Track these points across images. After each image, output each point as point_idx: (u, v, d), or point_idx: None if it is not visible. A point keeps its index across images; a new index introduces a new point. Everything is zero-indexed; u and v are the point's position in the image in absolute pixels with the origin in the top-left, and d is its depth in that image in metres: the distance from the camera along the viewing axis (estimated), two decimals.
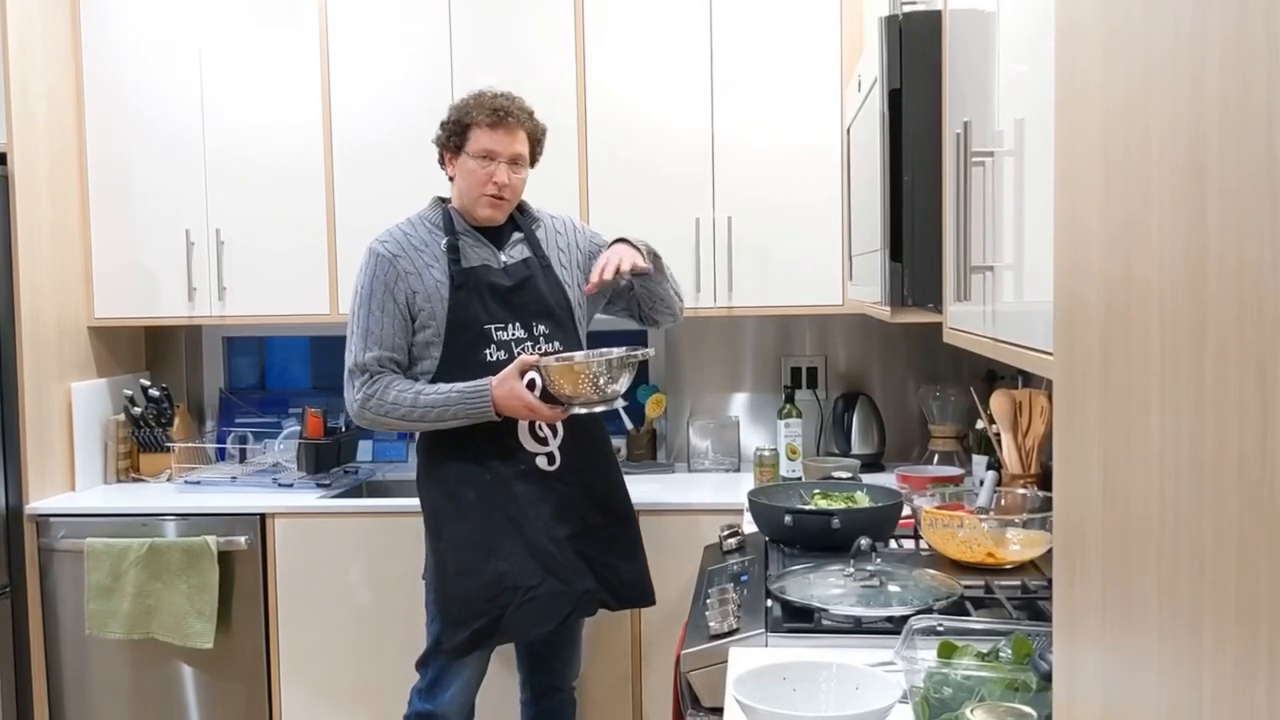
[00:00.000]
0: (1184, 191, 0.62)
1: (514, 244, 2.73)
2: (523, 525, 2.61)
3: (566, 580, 2.62)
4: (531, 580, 2.59)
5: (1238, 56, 0.54)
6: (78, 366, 3.60)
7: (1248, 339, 0.54)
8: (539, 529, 2.62)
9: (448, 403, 2.57)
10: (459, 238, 2.68)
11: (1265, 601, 0.52)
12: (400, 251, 2.66)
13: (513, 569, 2.58)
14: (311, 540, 3.31)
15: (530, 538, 2.61)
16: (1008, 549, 2.22)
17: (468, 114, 2.65)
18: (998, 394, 2.81)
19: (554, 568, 2.61)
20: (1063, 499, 0.91)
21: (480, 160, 2.63)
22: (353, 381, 2.64)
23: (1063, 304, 0.89)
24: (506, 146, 2.65)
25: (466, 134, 2.65)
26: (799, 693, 1.48)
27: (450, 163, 2.71)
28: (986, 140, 1.36)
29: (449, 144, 2.69)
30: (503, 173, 2.64)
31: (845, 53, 3.33)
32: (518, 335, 2.66)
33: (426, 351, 2.65)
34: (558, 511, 2.65)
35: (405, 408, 2.59)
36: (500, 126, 2.64)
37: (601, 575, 2.69)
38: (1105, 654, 0.79)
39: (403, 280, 2.63)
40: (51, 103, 3.49)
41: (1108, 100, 0.77)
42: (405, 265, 2.65)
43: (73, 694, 3.40)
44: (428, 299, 2.63)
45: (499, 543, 2.60)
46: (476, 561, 2.60)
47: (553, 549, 2.62)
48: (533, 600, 2.59)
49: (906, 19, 1.74)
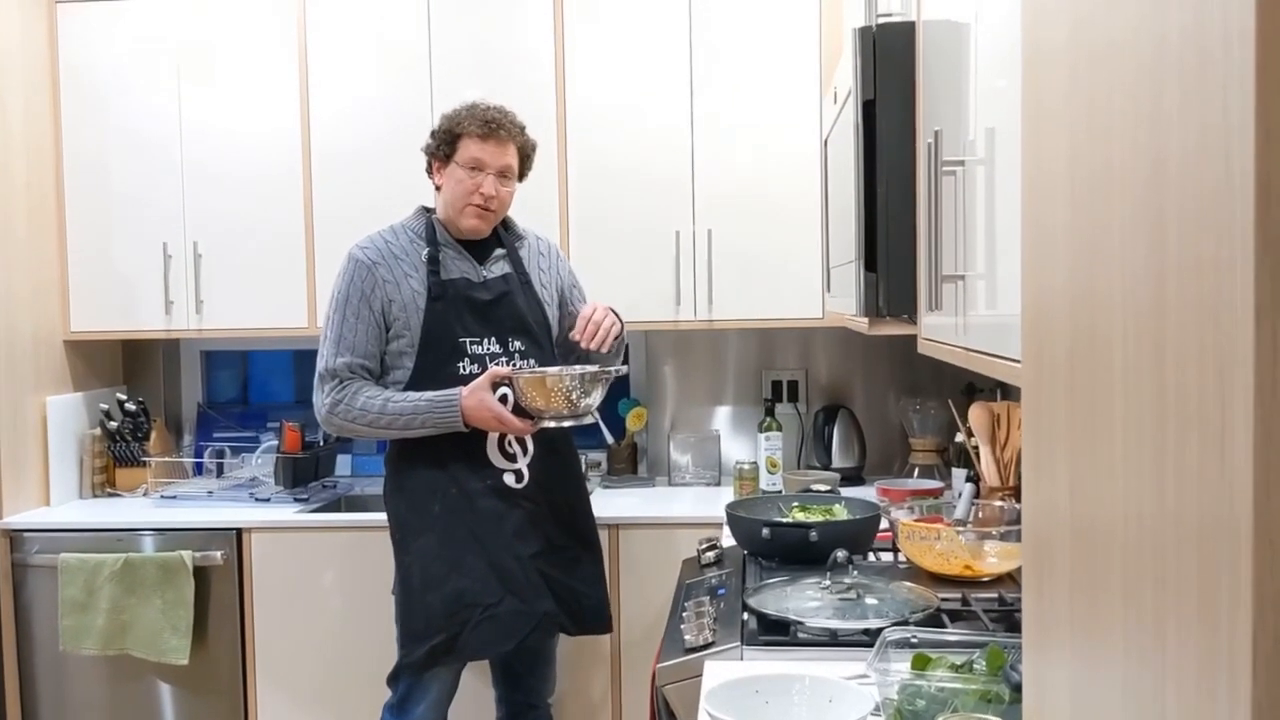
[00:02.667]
0: (1145, 200, 0.62)
1: (495, 259, 2.73)
2: (485, 542, 2.59)
3: (526, 600, 2.60)
4: (491, 598, 2.57)
5: (1197, 66, 0.54)
6: (53, 380, 3.57)
7: (1206, 345, 0.54)
8: (502, 546, 2.60)
9: (416, 410, 2.57)
10: (440, 249, 2.67)
11: (1225, 607, 0.51)
12: (380, 259, 2.65)
13: (473, 586, 2.57)
14: (288, 555, 3.29)
15: (493, 555, 2.59)
16: (985, 561, 2.22)
17: (459, 124, 2.65)
18: (976, 406, 2.81)
19: (514, 586, 2.59)
20: (1031, 507, 0.90)
21: (468, 170, 2.63)
22: (322, 386, 2.62)
23: (1030, 312, 0.89)
24: (496, 158, 2.65)
25: (456, 143, 2.65)
26: (771, 705, 1.47)
27: (438, 171, 2.70)
28: (958, 150, 1.36)
29: (438, 152, 2.68)
30: (490, 184, 2.64)
31: (824, 65, 3.34)
32: (493, 350, 2.66)
33: (399, 361, 2.64)
34: (522, 529, 2.63)
35: (373, 414, 2.58)
36: (491, 138, 2.64)
37: (561, 598, 2.67)
38: (1072, 663, 0.78)
39: (380, 288, 2.62)
40: (28, 114, 3.47)
41: (1072, 111, 0.76)
42: (384, 273, 2.63)
43: (47, 711, 3.36)
44: (404, 309, 2.62)
45: (461, 558, 2.58)
46: (439, 576, 2.58)
47: (514, 567, 2.60)
48: (492, 619, 2.57)
49: (880, 30, 1.74)
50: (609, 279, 3.43)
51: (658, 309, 3.45)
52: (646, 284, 3.44)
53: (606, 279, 3.43)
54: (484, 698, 3.03)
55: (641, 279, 3.43)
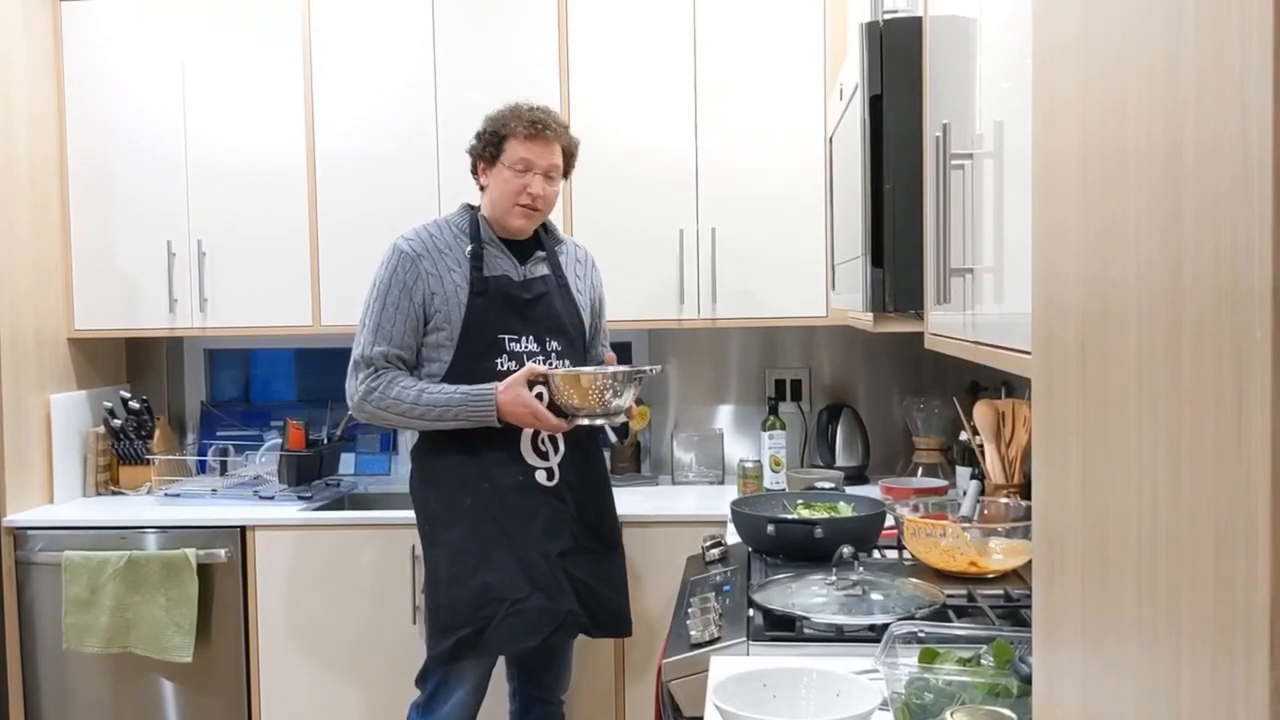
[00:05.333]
0: (1160, 183, 0.62)
1: (536, 260, 2.75)
2: (514, 537, 2.60)
3: (553, 597, 2.60)
4: (518, 593, 2.57)
5: (1214, 53, 0.54)
6: (57, 378, 3.57)
7: (1224, 327, 0.54)
8: (530, 543, 2.61)
9: (450, 403, 2.58)
10: (484, 246, 2.69)
11: (1242, 592, 0.51)
12: (424, 251, 2.66)
13: (500, 580, 2.57)
14: (292, 553, 3.29)
15: (521, 551, 2.60)
16: (990, 558, 2.22)
17: (504, 125, 2.67)
18: (981, 404, 2.81)
19: (542, 583, 2.60)
20: (1042, 497, 0.90)
21: (516, 171, 2.65)
22: (356, 373, 2.64)
23: (1041, 301, 0.89)
24: (542, 158, 2.67)
25: (503, 144, 2.67)
26: (779, 699, 1.47)
27: (484, 172, 2.72)
28: (966, 143, 1.36)
29: (484, 154, 2.70)
30: (538, 184, 2.66)
31: (829, 63, 3.34)
32: (530, 349, 2.68)
33: (437, 354, 2.65)
34: (550, 527, 2.64)
35: (407, 404, 2.59)
36: (537, 138, 2.66)
37: (584, 599, 2.66)
38: (1085, 653, 0.78)
39: (423, 280, 2.64)
40: (32, 113, 3.47)
41: (1086, 101, 0.76)
42: (427, 265, 2.65)
43: (50, 709, 3.36)
44: (445, 302, 2.63)
45: (490, 553, 2.59)
46: (467, 570, 2.59)
47: (542, 564, 2.61)
48: (519, 614, 2.57)
49: (887, 25, 1.75)
50: (613, 278, 3.41)
51: (661, 308, 3.45)
52: (650, 283, 3.44)
53: (611, 278, 3.42)
54: (496, 690, 3.03)
55: (645, 278, 3.43)
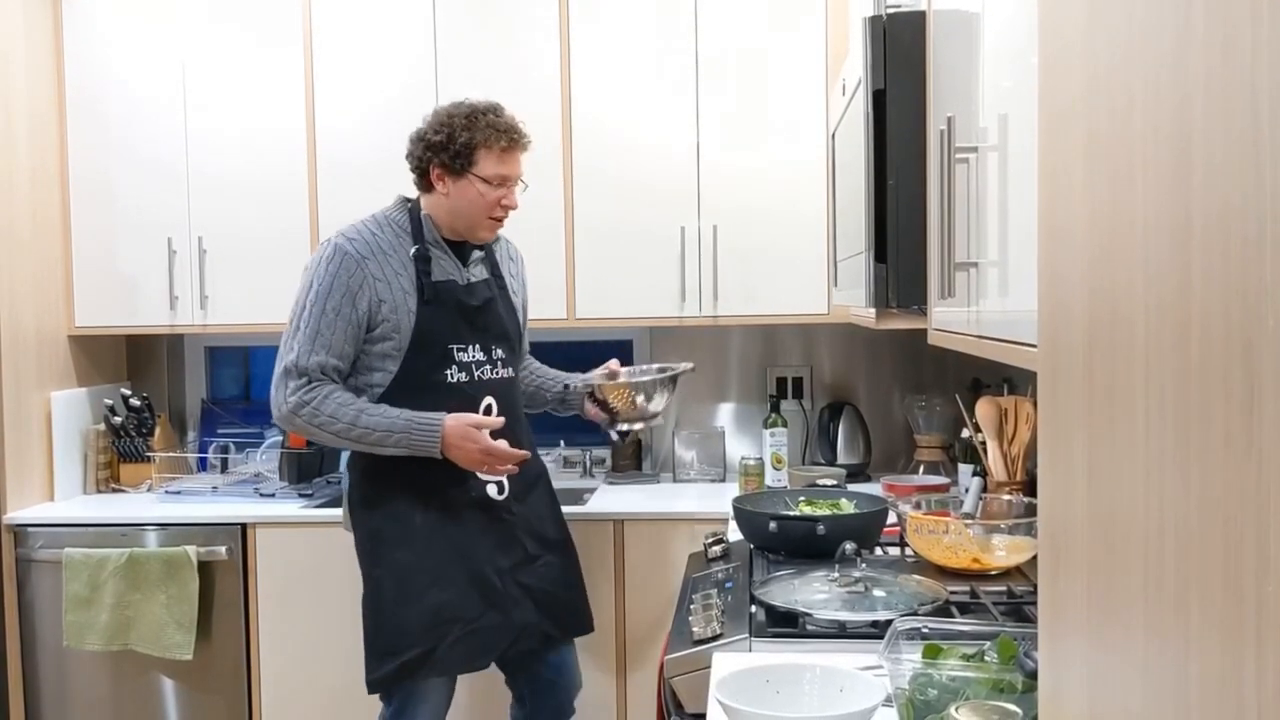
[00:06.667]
0: (1169, 175, 0.62)
1: (475, 261, 2.64)
2: (468, 554, 2.52)
3: (506, 612, 2.54)
4: (472, 612, 2.50)
5: (1223, 31, 0.54)
6: (57, 376, 3.57)
7: (1233, 318, 0.53)
8: (483, 559, 2.53)
9: (391, 428, 2.44)
10: (428, 247, 2.55)
11: (1252, 581, 0.51)
12: (369, 254, 2.49)
13: (453, 600, 2.49)
14: (293, 550, 3.28)
15: (474, 567, 2.52)
16: (993, 555, 2.21)
17: (475, 134, 2.51)
18: (983, 401, 2.80)
19: (495, 599, 2.53)
20: (1047, 493, 0.90)
21: (491, 185, 2.52)
22: (286, 382, 2.46)
23: (1046, 294, 0.88)
24: (516, 168, 2.57)
25: (474, 155, 2.51)
26: (782, 695, 1.46)
27: (441, 179, 2.54)
28: (970, 136, 1.35)
29: (451, 164, 2.51)
30: (513, 196, 2.56)
31: (830, 60, 3.33)
32: (478, 358, 2.57)
33: (382, 364, 2.51)
34: (502, 542, 2.57)
35: (343, 424, 2.44)
36: (512, 150, 2.55)
37: (542, 605, 2.61)
38: (1090, 647, 0.78)
39: (369, 286, 2.47)
40: (33, 111, 3.47)
41: (1092, 96, 0.76)
42: (373, 269, 2.48)
43: (50, 707, 3.36)
44: (394, 310, 2.48)
45: (442, 571, 2.50)
46: (416, 590, 2.49)
47: (495, 580, 2.54)
48: (472, 634, 2.50)
49: (890, 19, 1.74)
50: (614, 276, 3.43)
51: (662, 306, 3.44)
52: (651, 281, 3.43)
53: (611, 276, 3.43)
54: (494, 698, 3.03)
55: (646, 276, 3.43)
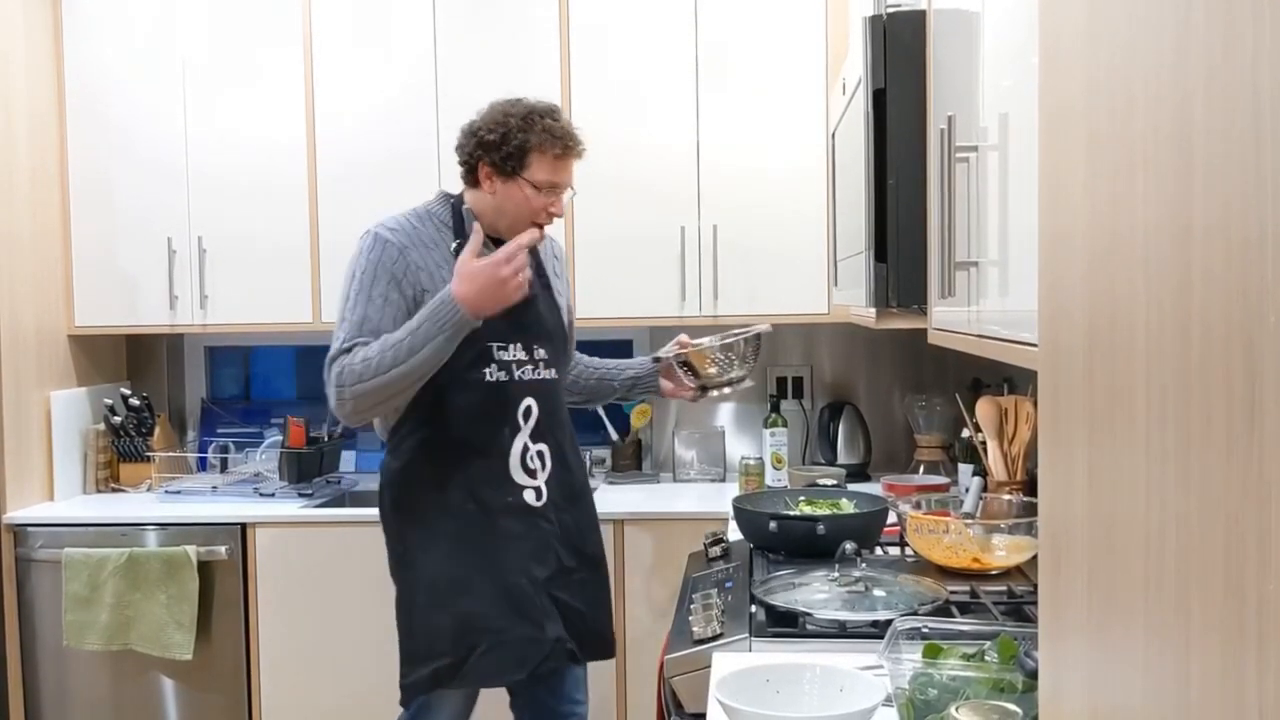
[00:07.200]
0: (1170, 173, 0.62)
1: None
2: (500, 563, 2.42)
3: (540, 625, 2.43)
4: (500, 623, 2.40)
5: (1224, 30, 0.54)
6: (57, 375, 3.57)
7: (1234, 316, 0.53)
8: (516, 568, 2.43)
9: (413, 328, 2.28)
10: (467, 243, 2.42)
11: (1253, 581, 0.51)
12: (411, 244, 2.41)
13: (483, 610, 2.40)
14: (293, 550, 3.28)
15: (506, 577, 2.42)
16: (993, 554, 2.21)
17: (531, 137, 2.40)
18: (983, 401, 2.80)
19: (527, 611, 2.42)
20: (1047, 492, 0.90)
21: (539, 190, 2.41)
22: (330, 368, 2.36)
23: (1047, 292, 0.88)
24: (568, 177, 2.47)
25: (526, 159, 2.40)
26: (782, 694, 1.46)
27: (490, 178, 2.43)
28: (971, 136, 1.35)
29: (502, 165, 2.41)
30: (560, 203, 2.46)
31: (830, 59, 3.33)
32: (519, 356, 2.47)
33: None
34: (537, 551, 2.46)
35: (375, 356, 2.28)
36: (567, 157, 2.45)
37: (571, 624, 2.49)
38: (1091, 646, 0.78)
39: (412, 274, 2.38)
40: (33, 110, 3.47)
41: (1092, 96, 0.76)
42: (416, 259, 2.40)
43: (50, 707, 3.36)
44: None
45: (471, 579, 2.41)
46: (447, 597, 2.41)
47: (529, 591, 2.43)
48: (502, 645, 2.40)
49: (890, 19, 1.74)
50: (614, 276, 3.43)
51: (663, 305, 3.44)
52: (652, 280, 3.43)
53: (612, 276, 3.43)
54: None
55: (647, 275, 3.43)
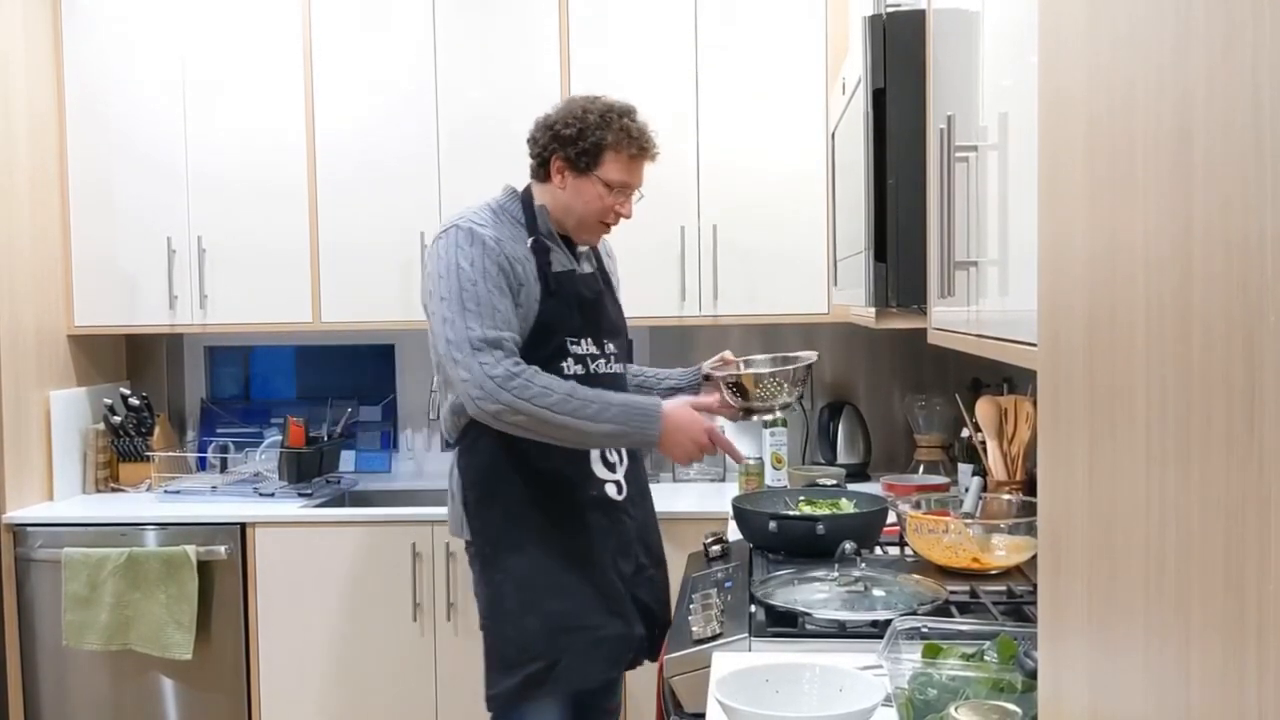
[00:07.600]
0: (1169, 171, 0.62)
1: (583, 256, 2.50)
2: (590, 558, 2.35)
3: (629, 622, 2.38)
4: (596, 620, 2.33)
5: (1225, 27, 0.54)
6: (57, 375, 3.57)
7: (1234, 314, 0.53)
8: (607, 564, 2.37)
9: (610, 401, 2.25)
10: (544, 239, 2.40)
11: (1253, 580, 0.51)
12: (503, 237, 2.34)
13: (576, 607, 2.32)
14: (292, 550, 3.28)
15: (597, 573, 2.36)
16: (993, 554, 2.21)
17: (607, 135, 2.36)
18: (983, 401, 2.80)
19: (618, 608, 2.37)
20: (1048, 491, 0.90)
21: (610, 189, 2.38)
22: (488, 352, 2.21)
23: (1047, 293, 0.88)
24: (639, 179, 2.44)
25: (601, 157, 2.36)
26: (781, 694, 1.46)
27: (562, 173, 2.39)
28: (970, 135, 1.35)
29: (576, 161, 2.37)
30: (629, 206, 2.43)
31: (830, 59, 3.33)
32: (592, 351, 2.42)
33: None
34: (623, 546, 2.41)
35: (559, 395, 2.20)
36: (641, 158, 2.42)
37: (649, 623, 2.44)
38: (1091, 645, 0.77)
39: (509, 267, 2.30)
40: (33, 111, 3.47)
41: (1091, 84, 0.76)
42: (510, 252, 2.32)
43: (49, 707, 3.36)
44: (528, 296, 2.33)
45: (561, 577, 2.33)
46: (539, 596, 2.32)
47: (619, 586, 2.38)
48: (597, 644, 2.33)
49: (890, 18, 1.74)
50: None
51: (663, 305, 3.44)
52: (652, 280, 3.43)
53: None
54: None
55: (647, 275, 3.43)
